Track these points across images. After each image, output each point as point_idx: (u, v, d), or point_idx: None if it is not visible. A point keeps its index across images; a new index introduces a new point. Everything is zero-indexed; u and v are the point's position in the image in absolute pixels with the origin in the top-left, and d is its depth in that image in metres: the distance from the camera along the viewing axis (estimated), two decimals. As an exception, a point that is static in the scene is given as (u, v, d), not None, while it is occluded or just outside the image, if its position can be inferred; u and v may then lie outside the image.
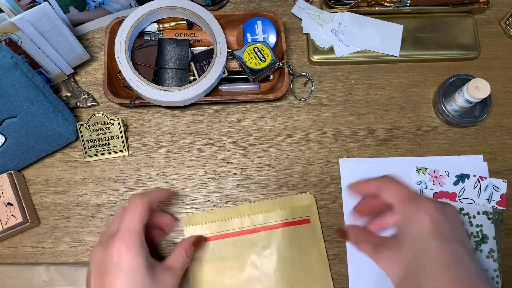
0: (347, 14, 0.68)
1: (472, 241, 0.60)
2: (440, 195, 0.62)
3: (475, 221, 0.61)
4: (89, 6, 0.64)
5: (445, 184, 0.62)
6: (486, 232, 0.61)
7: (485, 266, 0.60)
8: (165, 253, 0.61)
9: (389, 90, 0.67)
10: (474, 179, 0.62)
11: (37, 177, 0.64)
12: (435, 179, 0.63)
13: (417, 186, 0.62)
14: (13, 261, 0.61)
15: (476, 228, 0.61)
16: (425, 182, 0.62)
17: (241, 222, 0.61)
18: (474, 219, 0.61)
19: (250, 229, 0.60)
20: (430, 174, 0.63)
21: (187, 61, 0.64)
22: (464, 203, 0.62)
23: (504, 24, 0.70)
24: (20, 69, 0.53)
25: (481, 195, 0.62)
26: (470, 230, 0.61)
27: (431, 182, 0.62)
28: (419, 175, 0.63)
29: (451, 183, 0.62)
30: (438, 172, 0.63)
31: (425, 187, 0.62)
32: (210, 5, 0.69)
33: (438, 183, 0.62)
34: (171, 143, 0.65)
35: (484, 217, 0.62)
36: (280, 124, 0.66)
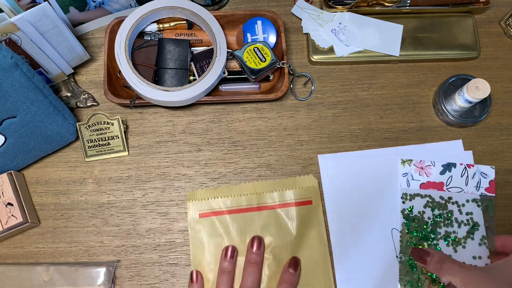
0: (347, 14, 0.68)
1: (463, 229, 0.60)
2: (427, 185, 0.62)
3: (464, 209, 0.61)
4: (89, 6, 0.64)
5: (431, 174, 0.62)
6: (477, 219, 0.61)
7: (478, 253, 0.59)
8: (165, 252, 0.61)
9: (389, 90, 0.67)
10: (461, 167, 0.62)
11: (37, 177, 0.64)
12: (421, 170, 0.62)
13: (403, 178, 0.62)
14: (13, 261, 0.61)
15: (466, 216, 0.61)
16: (411, 173, 0.62)
17: (243, 200, 0.61)
18: (463, 207, 0.61)
19: (252, 207, 0.61)
20: (416, 165, 0.62)
21: (187, 61, 0.64)
22: (452, 192, 0.62)
23: (504, 24, 0.70)
24: (20, 69, 0.53)
25: (469, 183, 0.62)
26: (460, 219, 0.61)
27: (417, 173, 0.62)
28: (404, 167, 0.62)
29: (437, 173, 0.62)
30: (424, 162, 0.62)
31: (412, 178, 0.62)
32: (210, 5, 0.69)
33: (424, 174, 0.62)
34: (171, 143, 0.65)
35: (473, 204, 0.61)
36: (280, 124, 0.66)
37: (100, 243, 0.61)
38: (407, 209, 0.61)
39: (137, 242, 0.61)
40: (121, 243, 0.61)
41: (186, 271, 0.61)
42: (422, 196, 0.62)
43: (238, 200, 0.61)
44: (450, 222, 0.61)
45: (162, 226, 0.62)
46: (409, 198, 0.62)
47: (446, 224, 0.61)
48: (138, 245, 0.61)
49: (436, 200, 0.61)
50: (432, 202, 0.61)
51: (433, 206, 0.61)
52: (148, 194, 0.63)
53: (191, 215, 0.61)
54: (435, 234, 0.60)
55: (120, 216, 0.62)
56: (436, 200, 0.61)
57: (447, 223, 0.61)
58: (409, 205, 0.61)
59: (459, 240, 0.60)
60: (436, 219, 0.61)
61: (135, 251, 0.61)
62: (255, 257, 0.57)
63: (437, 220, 0.61)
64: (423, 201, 0.62)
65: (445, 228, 0.61)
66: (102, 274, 0.59)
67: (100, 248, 0.61)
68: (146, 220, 0.62)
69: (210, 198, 0.61)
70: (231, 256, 0.58)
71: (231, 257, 0.58)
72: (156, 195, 0.63)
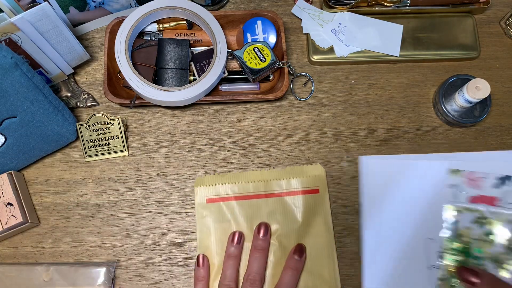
0: (347, 14, 0.68)
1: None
2: (478, 199, 0.55)
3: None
4: (89, 6, 0.64)
5: (483, 187, 0.55)
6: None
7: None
8: (165, 252, 0.61)
9: (389, 90, 0.67)
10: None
11: (37, 177, 0.64)
12: (472, 182, 0.56)
13: (450, 189, 0.56)
14: (13, 261, 0.61)
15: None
16: (460, 185, 0.56)
17: (250, 186, 0.61)
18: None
19: (259, 194, 0.61)
20: (466, 176, 0.56)
21: (187, 61, 0.64)
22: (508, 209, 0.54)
23: (504, 24, 0.70)
24: (20, 69, 0.53)
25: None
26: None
27: (466, 185, 0.56)
28: (452, 178, 0.56)
29: (490, 186, 0.55)
30: (475, 174, 0.56)
31: (460, 190, 0.56)
32: (210, 5, 0.69)
33: (475, 186, 0.56)
34: (171, 143, 0.65)
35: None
36: (280, 124, 0.66)
37: (100, 243, 0.61)
38: (452, 223, 0.55)
39: (137, 242, 0.61)
40: (121, 243, 0.61)
41: (186, 271, 0.61)
42: (471, 210, 0.55)
43: (246, 187, 0.61)
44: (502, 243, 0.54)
45: (162, 226, 0.62)
46: (456, 211, 0.56)
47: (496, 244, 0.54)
48: (138, 245, 0.61)
49: (486, 216, 0.55)
50: (481, 218, 0.55)
51: (482, 223, 0.55)
52: (148, 194, 0.63)
53: (199, 200, 0.61)
54: (482, 253, 0.54)
55: (120, 216, 0.62)
56: (487, 216, 0.55)
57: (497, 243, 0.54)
58: (455, 219, 0.55)
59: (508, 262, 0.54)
60: (485, 238, 0.54)
61: (135, 251, 0.61)
62: (262, 243, 0.57)
63: (486, 239, 0.54)
64: (472, 216, 0.55)
65: (494, 248, 0.54)
66: (102, 274, 0.59)
67: (100, 248, 0.61)
68: (146, 220, 0.62)
69: (217, 184, 0.62)
70: (238, 242, 0.58)
71: (237, 242, 0.58)
72: (156, 195, 0.63)
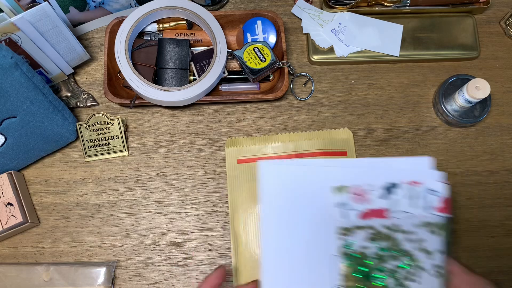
0: (347, 14, 0.68)
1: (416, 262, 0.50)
2: (368, 214, 0.51)
3: (414, 237, 0.50)
4: (89, 6, 0.64)
5: (371, 201, 0.50)
6: (429, 247, 0.50)
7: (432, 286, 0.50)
8: (165, 252, 0.61)
9: (389, 90, 0.67)
10: (405, 187, 0.50)
11: (37, 177, 0.64)
12: (359, 197, 0.51)
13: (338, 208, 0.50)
14: (13, 261, 0.61)
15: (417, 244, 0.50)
16: (347, 202, 0.51)
17: (280, 147, 0.63)
18: (413, 235, 0.50)
19: (289, 155, 0.62)
20: (351, 192, 0.51)
21: (187, 61, 0.64)
22: (399, 218, 0.50)
23: (504, 24, 0.70)
24: (20, 69, 0.53)
25: (417, 205, 0.50)
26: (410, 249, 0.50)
27: (354, 201, 0.51)
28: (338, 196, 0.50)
29: (378, 198, 0.51)
30: (361, 187, 0.51)
31: (348, 208, 0.51)
32: (210, 5, 0.69)
33: (363, 201, 0.51)
34: (171, 143, 0.65)
35: (424, 230, 0.50)
36: (280, 124, 0.66)
37: (100, 243, 0.61)
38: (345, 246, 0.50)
39: (137, 242, 0.61)
40: (121, 243, 0.61)
41: (186, 271, 0.61)
42: (363, 228, 0.50)
43: (276, 148, 0.63)
44: (399, 255, 0.50)
45: (162, 226, 0.62)
46: (347, 233, 0.51)
47: (393, 257, 0.50)
48: (138, 245, 0.61)
49: (379, 230, 0.50)
50: (375, 233, 0.50)
51: (376, 238, 0.50)
52: (148, 194, 0.63)
53: (229, 160, 0.63)
54: (382, 271, 0.50)
55: (120, 216, 0.62)
56: (380, 230, 0.50)
57: (394, 257, 0.50)
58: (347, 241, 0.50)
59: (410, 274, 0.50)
60: (381, 254, 0.50)
61: (135, 251, 0.61)
62: None
63: (382, 254, 0.50)
64: (365, 233, 0.50)
65: (392, 262, 0.50)
66: (102, 274, 0.59)
67: (100, 248, 0.61)
68: (146, 220, 0.62)
69: (248, 145, 0.63)
70: None
71: None
72: (156, 195, 0.63)
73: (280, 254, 0.51)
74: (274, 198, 0.52)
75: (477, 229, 0.63)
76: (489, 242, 0.62)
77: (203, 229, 0.62)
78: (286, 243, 0.51)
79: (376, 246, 0.51)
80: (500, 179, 0.64)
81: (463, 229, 0.63)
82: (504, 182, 0.64)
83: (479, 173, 0.64)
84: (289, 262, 0.51)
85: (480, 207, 0.63)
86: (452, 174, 0.64)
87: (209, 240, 0.62)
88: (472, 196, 0.64)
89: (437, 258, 0.50)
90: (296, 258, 0.51)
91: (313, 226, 0.51)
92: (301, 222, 0.51)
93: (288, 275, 0.51)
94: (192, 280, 0.61)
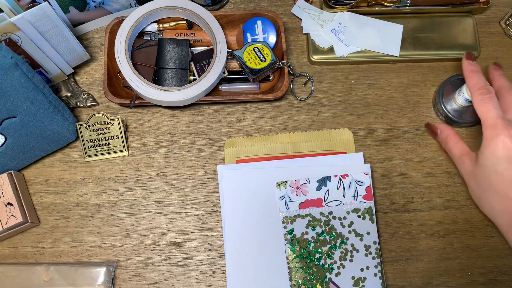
0: (347, 14, 0.68)
1: (348, 242, 0.59)
2: (306, 204, 0.60)
3: (346, 221, 0.60)
4: (89, 6, 0.64)
5: (308, 192, 0.60)
6: (360, 230, 0.60)
7: (365, 264, 0.59)
8: (165, 252, 0.61)
9: (389, 90, 0.67)
10: (336, 179, 0.61)
11: (37, 177, 0.64)
12: (297, 190, 0.60)
13: (281, 201, 0.60)
14: (13, 261, 0.61)
15: (349, 228, 0.60)
16: (288, 195, 0.60)
17: (279, 148, 0.63)
18: (345, 220, 0.60)
19: (287, 156, 0.63)
20: (291, 185, 0.60)
21: (187, 61, 0.64)
22: (332, 206, 0.60)
23: (504, 24, 0.70)
24: (20, 69, 0.53)
25: (346, 194, 0.60)
26: (343, 232, 0.59)
27: (294, 193, 0.60)
28: (280, 190, 0.60)
29: (314, 189, 0.60)
30: (299, 182, 0.60)
31: (289, 200, 0.60)
32: (210, 5, 0.69)
33: (301, 193, 0.60)
34: (171, 143, 0.65)
35: (354, 215, 0.60)
36: (280, 124, 0.66)
37: (100, 243, 0.61)
38: (288, 233, 0.60)
39: (137, 242, 0.61)
40: (121, 243, 0.61)
41: (186, 271, 0.61)
42: (302, 216, 0.60)
43: (274, 148, 0.63)
44: (334, 238, 0.59)
45: (162, 226, 0.62)
46: (289, 221, 0.60)
47: (329, 240, 0.59)
48: (138, 245, 0.61)
49: (316, 217, 0.60)
50: (313, 220, 0.60)
51: (314, 225, 0.60)
52: (148, 194, 0.63)
53: (228, 161, 0.63)
54: (321, 253, 0.59)
55: (120, 216, 0.62)
56: (317, 217, 0.60)
57: (330, 239, 0.59)
58: (290, 228, 0.60)
59: (345, 254, 0.59)
60: (320, 237, 0.59)
61: (135, 251, 0.61)
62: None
63: (320, 238, 0.59)
64: (304, 221, 0.60)
65: (328, 245, 0.59)
66: (102, 274, 0.59)
67: (100, 248, 0.61)
68: (146, 220, 0.62)
69: (247, 146, 0.63)
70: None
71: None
72: (156, 195, 0.63)
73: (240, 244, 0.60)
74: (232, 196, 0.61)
75: (477, 229, 0.63)
76: (489, 242, 0.62)
77: (203, 229, 0.62)
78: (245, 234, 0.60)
79: (314, 232, 0.60)
80: (500, 179, 0.64)
81: (463, 229, 0.63)
82: (504, 182, 0.64)
83: (479, 173, 0.64)
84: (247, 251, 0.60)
85: (480, 207, 0.63)
86: (452, 174, 0.64)
87: (209, 240, 0.62)
88: (472, 196, 0.64)
89: (366, 239, 0.60)
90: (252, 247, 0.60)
91: (264, 218, 0.61)
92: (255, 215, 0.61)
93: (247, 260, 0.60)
94: (192, 280, 0.61)
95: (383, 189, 0.63)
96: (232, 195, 0.61)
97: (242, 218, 0.61)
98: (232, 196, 0.61)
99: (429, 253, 0.62)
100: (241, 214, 0.61)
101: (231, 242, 0.60)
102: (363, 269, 0.59)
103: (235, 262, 0.60)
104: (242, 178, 0.62)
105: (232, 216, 0.61)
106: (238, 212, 0.61)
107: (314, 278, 0.59)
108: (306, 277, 0.59)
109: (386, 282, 0.60)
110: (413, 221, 0.63)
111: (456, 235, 0.62)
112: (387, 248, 0.62)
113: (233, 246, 0.60)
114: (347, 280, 0.59)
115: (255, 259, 0.60)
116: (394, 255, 0.62)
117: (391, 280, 0.61)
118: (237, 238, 0.60)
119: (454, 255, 0.62)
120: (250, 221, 0.61)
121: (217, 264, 0.61)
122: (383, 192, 0.63)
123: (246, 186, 0.61)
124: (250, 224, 0.61)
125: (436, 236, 0.62)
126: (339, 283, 0.59)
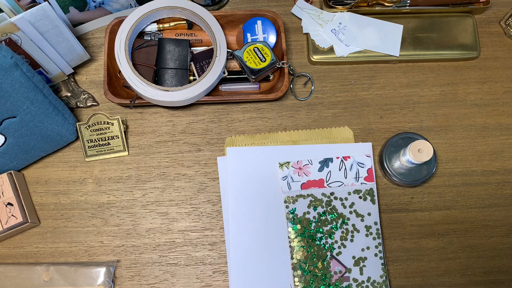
0: (347, 14, 0.68)
1: (349, 222, 0.60)
2: (308, 184, 0.61)
3: (347, 202, 0.61)
4: (89, 6, 0.64)
5: (310, 173, 0.61)
6: (361, 211, 0.60)
7: (366, 244, 0.60)
8: (165, 252, 0.61)
9: (389, 90, 0.67)
10: (337, 161, 0.61)
11: (37, 177, 0.64)
12: (300, 170, 0.61)
13: (284, 181, 0.61)
14: (13, 261, 0.61)
15: (350, 208, 0.61)
16: (291, 175, 0.61)
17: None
18: (346, 201, 0.61)
19: None
20: (294, 166, 0.61)
21: (187, 61, 0.64)
22: (334, 187, 0.61)
23: (504, 24, 0.70)
24: (20, 69, 0.53)
25: (348, 175, 0.61)
26: (345, 213, 0.60)
27: (296, 174, 0.61)
28: (283, 170, 0.61)
29: (316, 170, 0.61)
30: (301, 162, 0.61)
31: (292, 180, 0.61)
32: (210, 5, 0.69)
33: (303, 174, 0.61)
34: (171, 143, 0.65)
35: (355, 196, 0.61)
36: (280, 124, 0.66)
37: (100, 243, 0.61)
38: (290, 212, 0.60)
39: (137, 242, 0.61)
40: (121, 243, 0.61)
41: (186, 271, 0.61)
42: (304, 196, 0.61)
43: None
44: (335, 218, 0.60)
45: (162, 226, 0.62)
46: (291, 201, 0.61)
47: (331, 220, 0.60)
48: (138, 245, 0.61)
49: (318, 198, 0.61)
50: (315, 200, 0.61)
51: (315, 205, 0.61)
52: (148, 194, 0.63)
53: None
54: (322, 233, 0.60)
55: (120, 216, 0.62)
56: (319, 198, 0.61)
57: (331, 219, 0.60)
58: (292, 208, 0.60)
59: (345, 234, 0.60)
60: (321, 217, 0.60)
61: (135, 251, 0.61)
62: None
63: (321, 218, 0.60)
64: (306, 201, 0.61)
65: (330, 224, 0.60)
66: (102, 274, 0.59)
67: (100, 248, 0.61)
68: (146, 220, 0.62)
69: (247, 145, 0.63)
70: None
71: None
72: (156, 195, 0.63)
73: (242, 224, 0.61)
74: (234, 177, 0.62)
75: (477, 229, 0.63)
76: (489, 242, 0.62)
77: (203, 229, 0.62)
78: (247, 215, 0.61)
79: (315, 212, 0.60)
80: (500, 179, 0.64)
81: (463, 229, 0.63)
82: (504, 182, 0.64)
83: (479, 173, 0.64)
84: (250, 230, 0.60)
85: (480, 207, 0.63)
86: (452, 174, 0.64)
87: (209, 240, 0.62)
88: (472, 196, 0.64)
89: (367, 220, 0.60)
90: (254, 226, 0.60)
91: (267, 198, 0.61)
92: (257, 195, 0.61)
93: (249, 240, 0.60)
94: (192, 280, 0.61)
95: (383, 189, 0.63)
96: (235, 177, 0.62)
97: (244, 199, 0.61)
98: (235, 177, 0.62)
99: (429, 253, 0.62)
100: (244, 195, 0.61)
101: (234, 224, 0.60)
102: (364, 249, 0.60)
103: (237, 241, 0.60)
104: (246, 158, 0.62)
105: (234, 197, 0.61)
106: (241, 194, 0.61)
107: (315, 257, 0.59)
108: (307, 256, 0.59)
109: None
110: (413, 221, 0.63)
111: (456, 235, 0.62)
112: (387, 248, 0.62)
113: (235, 226, 0.60)
114: (348, 260, 0.60)
115: (257, 238, 0.60)
116: (394, 255, 0.62)
117: (391, 280, 0.61)
118: (240, 219, 0.61)
119: (454, 255, 0.62)
120: (253, 201, 0.61)
121: (217, 264, 0.61)
122: (383, 192, 0.63)
123: (249, 167, 0.62)
124: (252, 204, 0.61)
125: (436, 236, 0.62)
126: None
